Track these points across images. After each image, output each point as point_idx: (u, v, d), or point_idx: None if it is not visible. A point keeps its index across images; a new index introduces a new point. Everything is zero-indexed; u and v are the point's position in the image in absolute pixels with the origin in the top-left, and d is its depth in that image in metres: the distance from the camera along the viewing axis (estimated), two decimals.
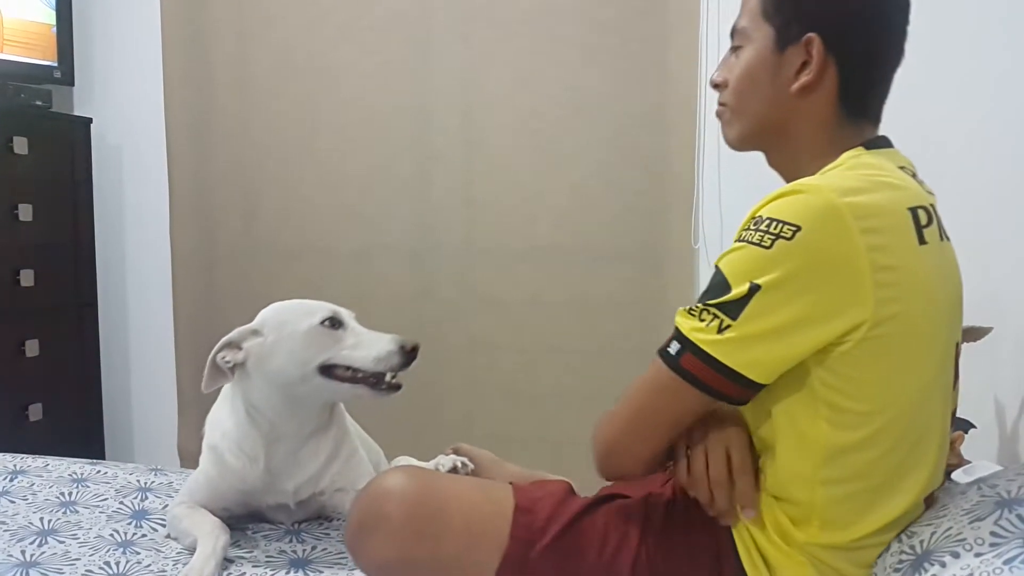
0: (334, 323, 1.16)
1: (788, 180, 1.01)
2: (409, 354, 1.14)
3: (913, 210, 0.86)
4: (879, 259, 0.81)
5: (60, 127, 2.37)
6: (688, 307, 0.87)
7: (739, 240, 0.85)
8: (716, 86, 1.04)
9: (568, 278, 2.11)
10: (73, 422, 2.39)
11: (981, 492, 0.88)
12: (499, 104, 2.11)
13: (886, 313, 0.82)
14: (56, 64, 2.34)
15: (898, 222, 0.84)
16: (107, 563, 1.16)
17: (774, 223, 0.82)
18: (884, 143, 0.97)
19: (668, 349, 0.87)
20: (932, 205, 0.90)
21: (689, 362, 0.85)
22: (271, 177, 2.27)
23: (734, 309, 0.82)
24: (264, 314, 1.20)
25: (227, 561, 1.17)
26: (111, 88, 2.53)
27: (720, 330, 0.83)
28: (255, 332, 1.18)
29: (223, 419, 1.23)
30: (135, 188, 2.55)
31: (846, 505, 0.89)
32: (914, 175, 0.95)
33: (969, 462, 1.43)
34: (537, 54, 2.08)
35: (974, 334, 1.50)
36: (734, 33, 1.02)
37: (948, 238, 0.94)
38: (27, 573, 1.12)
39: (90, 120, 2.41)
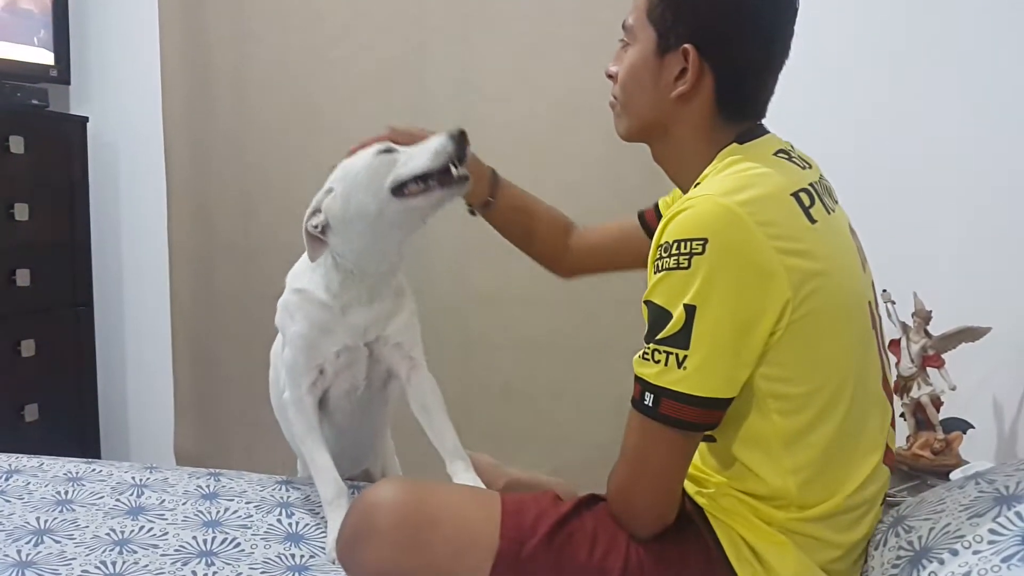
0: (388, 150, 1.23)
1: (670, 175, 1.07)
2: (459, 138, 1.19)
3: (795, 195, 0.90)
4: (781, 245, 0.85)
5: (56, 126, 2.36)
6: (641, 352, 0.89)
7: (657, 271, 0.88)
8: (610, 77, 1.07)
9: None
10: (69, 423, 2.37)
11: (979, 488, 0.89)
12: (497, 104, 2.10)
13: (804, 292, 0.85)
14: (52, 63, 2.33)
15: (785, 209, 0.88)
16: (103, 562, 1.16)
17: (682, 243, 0.85)
18: (757, 133, 0.99)
19: (644, 402, 0.88)
20: (812, 183, 0.94)
21: (668, 407, 0.86)
22: (269, 176, 2.27)
23: (682, 339, 0.85)
24: (331, 176, 1.27)
25: (226, 563, 1.17)
26: (107, 87, 2.52)
27: (680, 364, 0.85)
28: (328, 191, 1.24)
29: (307, 271, 1.30)
30: (131, 187, 2.54)
31: (819, 483, 0.91)
32: (789, 156, 0.98)
33: (967, 462, 1.43)
34: (535, 55, 2.07)
35: (972, 334, 1.51)
36: (624, 28, 1.05)
37: (834, 207, 0.98)
38: (23, 573, 1.11)
39: (86, 119, 2.40)
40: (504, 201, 1.37)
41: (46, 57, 2.32)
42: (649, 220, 1.32)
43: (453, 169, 1.18)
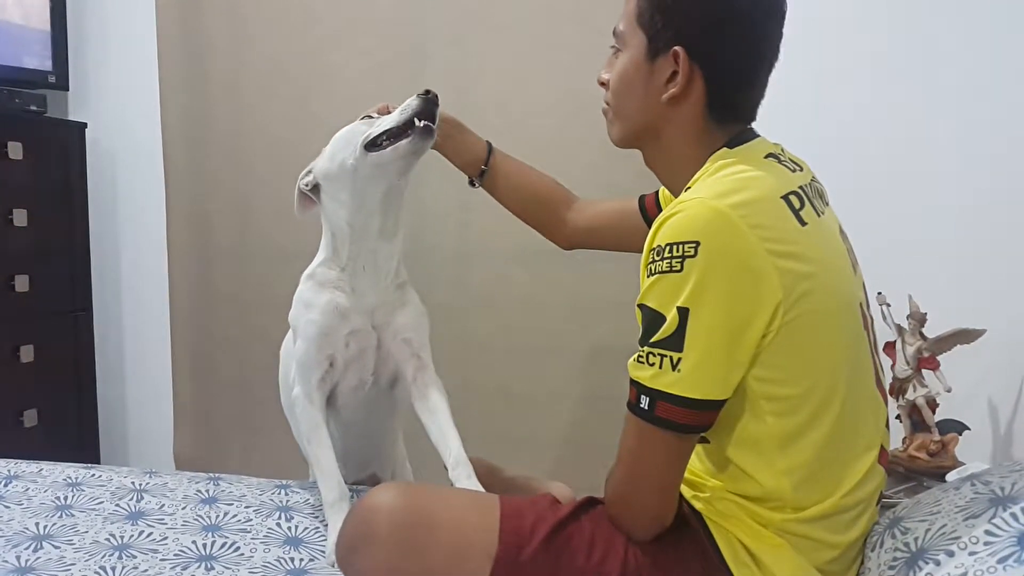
0: (371, 116, 1.35)
1: (662, 179, 1.08)
2: (424, 96, 1.27)
3: (785, 197, 0.90)
4: (772, 248, 0.85)
5: (55, 132, 2.36)
6: (635, 356, 0.90)
7: (650, 275, 0.88)
8: (603, 84, 1.08)
9: (563, 280, 2.10)
10: (68, 428, 2.37)
11: (975, 489, 0.89)
12: (493, 107, 2.11)
13: (795, 294, 0.86)
14: (50, 69, 2.33)
15: (776, 212, 0.89)
16: (102, 568, 1.16)
17: (674, 247, 0.85)
18: (747, 136, 1.00)
19: (640, 405, 0.89)
20: (802, 186, 0.94)
21: (664, 410, 0.87)
22: (267, 182, 2.27)
23: (675, 342, 0.85)
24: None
25: (225, 568, 1.17)
26: (106, 93, 2.52)
27: (674, 367, 0.86)
28: (320, 155, 1.38)
29: (313, 262, 1.39)
30: (130, 192, 2.54)
31: (814, 484, 0.92)
32: (779, 159, 0.98)
33: (963, 464, 1.44)
34: (532, 58, 2.08)
35: (967, 336, 1.52)
36: (615, 35, 1.06)
37: (824, 209, 0.98)
38: None
39: (85, 125, 2.40)
40: (498, 170, 1.41)
41: (44, 63, 2.32)
42: (648, 207, 1.33)
43: (416, 121, 1.25)
